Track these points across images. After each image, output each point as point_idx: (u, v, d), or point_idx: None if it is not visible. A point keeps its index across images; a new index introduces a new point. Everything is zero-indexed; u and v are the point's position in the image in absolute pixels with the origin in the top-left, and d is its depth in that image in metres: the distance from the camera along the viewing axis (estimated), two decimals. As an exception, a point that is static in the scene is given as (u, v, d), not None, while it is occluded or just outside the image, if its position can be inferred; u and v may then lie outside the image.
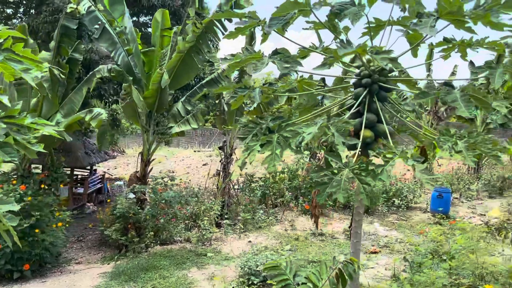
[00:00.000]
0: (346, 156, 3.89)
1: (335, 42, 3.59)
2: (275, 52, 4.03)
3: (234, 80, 11.01)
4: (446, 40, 3.82)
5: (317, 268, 3.60)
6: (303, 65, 3.90)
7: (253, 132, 3.90)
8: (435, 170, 17.63)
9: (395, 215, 12.35)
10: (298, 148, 3.60)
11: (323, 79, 7.45)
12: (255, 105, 5.88)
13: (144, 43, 10.83)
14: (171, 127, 10.39)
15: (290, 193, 12.82)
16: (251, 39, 10.23)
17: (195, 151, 30.78)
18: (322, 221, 11.32)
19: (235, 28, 4.13)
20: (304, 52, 4.29)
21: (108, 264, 8.87)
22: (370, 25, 4.06)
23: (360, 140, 3.81)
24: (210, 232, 9.84)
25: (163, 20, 9.85)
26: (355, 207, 4.46)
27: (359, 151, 3.94)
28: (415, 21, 3.62)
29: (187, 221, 10.55)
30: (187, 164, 25.15)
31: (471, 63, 4.98)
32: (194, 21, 8.80)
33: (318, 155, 14.11)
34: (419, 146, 5.11)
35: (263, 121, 3.99)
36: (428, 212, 12.57)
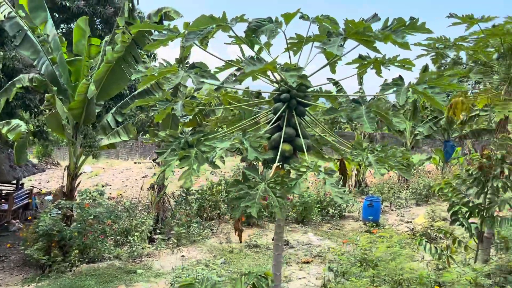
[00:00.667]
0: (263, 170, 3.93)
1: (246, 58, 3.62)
2: (192, 66, 4.00)
3: (168, 91, 10.81)
4: (361, 57, 4.00)
5: (233, 284, 3.58)
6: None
7: (171, 146, 3.83)
8: (368, 179, 18.36)
9: (329, 224, 12.66)
10: (213, 163, 3.58)
11: (258, 92, 7.53)
12: (191, 116, 5.80)
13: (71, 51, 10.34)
14: (100, 139, 9.98)
15: (226, 205, 12.76)
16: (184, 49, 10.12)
17: (135, 163, 29.86)
18: (257, 232, 11.36)
19: (156, 39, 4.10)
20: (229, 66, 4.31)
21: (29, 286, 8.29)
22: (292, 41, 4.17)
23: (279, 154, 3.87)
24: (142, 248, 9.52)
25: (88, 28, 9.45)
26: (275, 220, 4.50)
27: (280, 164, 3.99)
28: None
29: (118, 237, 10.13)
30: (126, 177, 24.30)
31: (400, 78, 5.24)
32: (124, 30, 8.59)
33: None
34: (338, 159, 5.27)
35: (182, 135, 3.93)
36: (360, 220, 13.02)
